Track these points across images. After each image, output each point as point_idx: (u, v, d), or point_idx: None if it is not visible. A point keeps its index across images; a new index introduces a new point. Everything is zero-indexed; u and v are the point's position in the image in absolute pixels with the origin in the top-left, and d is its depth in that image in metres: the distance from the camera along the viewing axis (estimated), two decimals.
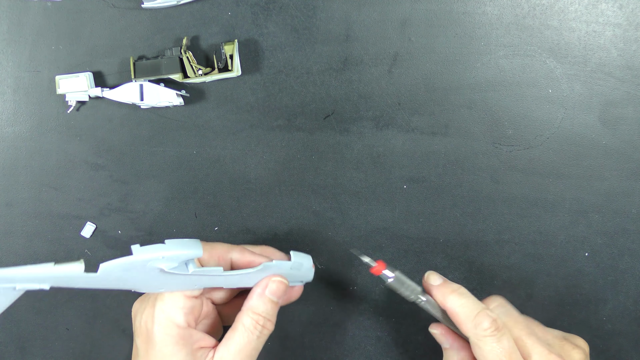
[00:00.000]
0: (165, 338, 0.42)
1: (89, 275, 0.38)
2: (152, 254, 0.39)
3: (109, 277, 0.39)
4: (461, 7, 0.49)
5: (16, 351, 0.54)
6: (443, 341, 0.45)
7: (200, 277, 0.42)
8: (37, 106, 0.52)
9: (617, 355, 0.53)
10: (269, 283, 0.44)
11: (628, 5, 0.49)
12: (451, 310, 0.42)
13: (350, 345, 0.54)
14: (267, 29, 0.50)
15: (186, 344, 0.42)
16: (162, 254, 0.39)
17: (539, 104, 0.50)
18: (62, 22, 0.50)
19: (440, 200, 0.51)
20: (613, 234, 0.51)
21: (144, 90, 0.49)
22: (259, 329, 0.43)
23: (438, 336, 0.45)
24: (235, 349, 0.42)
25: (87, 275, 0.38)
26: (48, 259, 0.53)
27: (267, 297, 0.44)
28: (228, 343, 0.43)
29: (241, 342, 0.43)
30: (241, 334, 0.43)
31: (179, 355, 0.42)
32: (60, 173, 0.52)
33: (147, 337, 0.42)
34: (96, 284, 0.40)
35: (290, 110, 0.51)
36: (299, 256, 0.45)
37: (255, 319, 0.43)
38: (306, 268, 0.45)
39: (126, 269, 0.39)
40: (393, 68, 0.50)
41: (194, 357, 0.42)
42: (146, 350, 0.42)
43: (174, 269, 0.40)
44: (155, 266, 0.39)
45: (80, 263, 0.38)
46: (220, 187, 0.52)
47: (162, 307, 0.42)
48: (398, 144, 0.51)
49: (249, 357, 0.43)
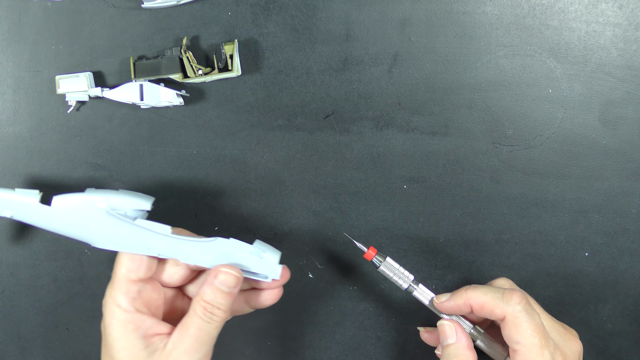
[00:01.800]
0: (112, 322, 0.43)
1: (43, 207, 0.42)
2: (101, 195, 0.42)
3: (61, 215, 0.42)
4: (461, 7, 0.49)
5: (16, 351, 0.54)
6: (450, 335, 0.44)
7: (152, 238, 0.43)
8: (37, 106, 0.52)
9: (617, 355, 0.53)
10: (218, 273, 0.44)
11: (628, 5, 0.49)
12: (476, 301, 0.43)
13: (350, 345, 0.54)
14: (267, 29, 0.50)
15: (136, 329, 0.43)
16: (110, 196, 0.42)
17: (539, 104, 0.50)
18: (62, 22, 0.50)
19: (440, 200, 0.51)
20: (613, 234, 0.51)
21: (144, 90, 0.49)
22: (208, 316, 0.43)
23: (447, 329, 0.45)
24: (188, 334, 0.43)
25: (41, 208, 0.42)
26: (48, 259, 0.54)
27: (215, 286, 0.44)
28: (182, 329, 0.43)
29: (193, 329, 0.43)
30: (192, 320, 0.43)
31: (127, 340, 0.42)
32: (60, 173, 0.52)
33: (103, 323, 0.44)
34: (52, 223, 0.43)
35: (290, 110, 0.51)
36: (263, 246, 0.45)
37: (203, 305, 0.43)
38: (269, 260, 0.45)
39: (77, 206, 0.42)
40: (393, 68, 0.50)
41: (148, 342, 0.43)
42: (103, 336, 0.44)
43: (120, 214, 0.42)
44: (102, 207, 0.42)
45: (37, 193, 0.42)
46: (220, 187, 0.52)
47: (110, 292, 0.44)
48: (398, 144, 0.51)
49: (202, 343, 0.43)
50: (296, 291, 0.53)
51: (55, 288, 0.54)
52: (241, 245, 0.44)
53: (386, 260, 0.46)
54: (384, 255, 0.46)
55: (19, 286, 0.54)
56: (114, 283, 0.44)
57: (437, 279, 0.52)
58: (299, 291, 0.53)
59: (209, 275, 0.44)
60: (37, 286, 0.54)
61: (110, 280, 0.44)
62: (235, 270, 0.44)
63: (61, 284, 0.54)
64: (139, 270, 0.43)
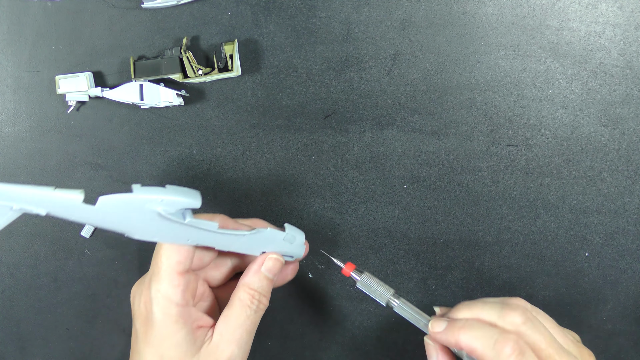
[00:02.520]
0: (164, 318, 0.41)
1: (87, 207, 0.38)
2: (151, 195, 0.39)
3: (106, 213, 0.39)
4: (461, 7, 0.49)
5: (16, 351, 0.54)
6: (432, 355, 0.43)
7: (194, 230, 0.41)
8: (37, 106, 0.52)
9: (617, 355, 0.53)
10: (266, 260, 0.45)
11: (628, 5, 0.49)
12: (467, 347, 0.39)
13: (350, 345, 0.54)
14: (267, 29, 0.50)
15: (186, 322, 0.42)
16: (162, 197, 0.39)
17: (539, 104, 0.50)
18: (62, 22, 0.50)
19: (440, 200, 0.51)
20: (613, 234, 0.51)
21: (144, 90, 0.49)
22: (255, 304, 0.43)
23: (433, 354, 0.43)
24: (235, 324, 0.43)
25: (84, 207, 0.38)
26: (48, 259, 0.54)
27: (262, 274, 0.44)
28: (227, 319, 0.43)
29: (240, 317, 0.43)
30: (239, 309, 0.43)
31: (180, 334, 0.41)
32: (60, 173, 0.52)
33: (146, 319, 0.42)
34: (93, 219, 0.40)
35: (290, 110, 0.51)
36: (293, 229, 0.46)
37: (251, 294, 0.43)
38: (298, 243, 0.46)
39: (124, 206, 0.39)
40: (393, 68, 0.50)
41: (194, 336, 0.42)
42: (145, 332, 0.42)
43: (171, 215, 0.40)
44: (153, 209, 0.39)
45: (80, 192, 0.38)
46: (220, 187, 0.52)
47: (157, 287, 0.42)
48: (398, 144, 0.51)
49: (248, 332, 0.43)
50: (296, 291, 0.53)
51: (55, 288, 0.54)
52: (276, 233, 0.45)
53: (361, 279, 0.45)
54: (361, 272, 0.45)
55: (19, 286, 0.54)
56: (160, 276, 0.42)
57: (437, 279, 0.52)
58: (299, 291, 0.53)
59: (253, 264, 0.45)
60: (37, 286, 0.54)
61: (150, 274, 0.43)
62: (280, 257, 0.45)
63: (61, 284, 0.54)
64: (186, 261, 0.42)
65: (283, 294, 0.53)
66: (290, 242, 0.46)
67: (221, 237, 0.43)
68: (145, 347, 0.42)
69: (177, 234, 0.41)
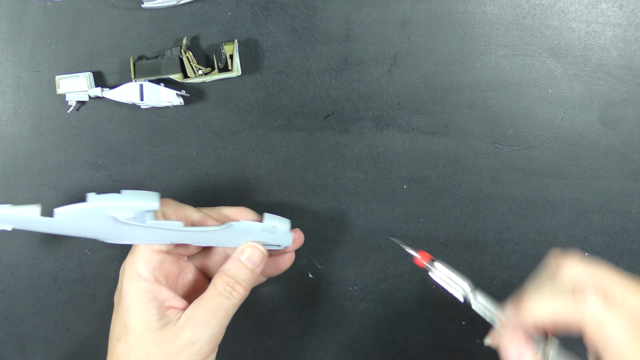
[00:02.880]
0: (130, 289, 0.42)
1: (46, 219, 0.39)
2: (105, 202, 0.39)
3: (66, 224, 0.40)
4: (461, 7, 0.49)
5: (16, 351, 0.54)
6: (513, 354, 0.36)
7: (161, 231, 0.42)
8: (37, 106, 0.52)
9: None
10: (245, 248, 0.45)
11: (628, 5, 0.49)
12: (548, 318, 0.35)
13: (350, 345, 0.54)
14: (267, 29, 0.50)
15: (153, 299, 0.42)
16: (116, 204, 0.39)
17: (539, 104, 0.50)
18: (62, 22, 0.50)
19: (440, 200, 0.51)
20: (613, 234, 0.51)
21: (144, 90, 0.49)
22: (228, 291, 0.43)
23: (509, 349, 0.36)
24: (204, 308, 0.43)
25: (44, 220, 0.39)
26: (48, 259, 0.54)
27: (241, 262, 0.44)
28: (198, 303, 0.43)
29: (210, 302, 0.43)
30: (211, 295, 0.43)
31: (143, 308, 0.42)
32: (60, 173, 0.52)
33: (119, 291, 0.43)
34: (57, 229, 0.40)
35: (290, 110, 0.51)
36: (273, 218, 0.45)
37: (226, 280, 0.43)
38: (281, 231, 0.45)
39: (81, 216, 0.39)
40: (393, 68, 0.50)
41: (161, 314, 0.42)
42: (117, 304, 0.44)
43: (130, 219, 0.40)
44: (110, 215, 0.40)
45: (36, 207, 0.39)
46: (220, 187, 0.52)
47: (131, 260, 0.43)
48: (398, 144, 0.51)
49: (218, 318, 0.43)
50: (296, 291, 0.53)
51: (55, 288, 0.54)
52: (252, 224, 0.45)
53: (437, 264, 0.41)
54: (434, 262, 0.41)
55: (19, 286, 0.54)
56: (135, 252, 0.43)
57: None
58: (299, 291, 0.53)
59: (234, 252, 0.45)
60: (37, 286, 0.54)
61: (130, 250, 0.44)
62: (261, 246, 0.45)
63: (61, 284, 0.54)
64: None
65: (283, 294, 0.53)
66: (271, 231, 0.45)
67: (193, 235, 0.43)
68: (115, 316, 0.44)
69: (145, 236, 0.42)
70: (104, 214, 0.40)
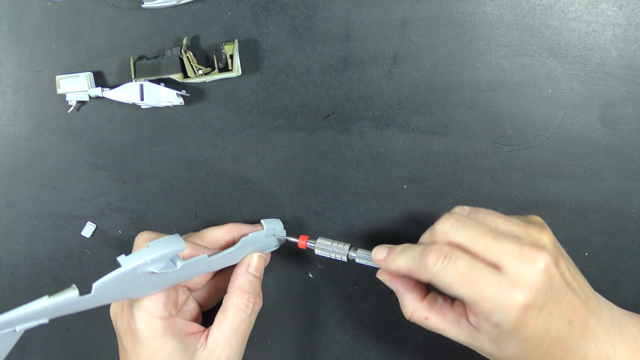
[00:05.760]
0: (150, 334, 0.41)
1: (84, 298, 0.38)
2: (139, 260, 0.39)
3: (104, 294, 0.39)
4: (461, 7, 0.49)
5: (16, 351, 0.54)
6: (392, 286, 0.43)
7: (190, 268, 0.42)
8: (37, 106, 0.52)
9: None
10: (250, 261, 0.46)
11: (628, 5, 0.49)
12: (404, 271, 0.39)
13: (350, 345, 0.54)
14: (267, 29, 0.50)
15: (173, 334, 0.42)
16: (149, 258, 0.39)
17: (539, 104, 0.50)
18: (62, 22, 0.50)
19: (440, 200, 0.51)
20: (613, 234, 0.51)
21: (144, 90, 0.49)
22: (250, 307, 0.44)
23: (386, 282, 0.43)
24: (230, 329, 0.43)
25: (82, 299, 0.38)
26: (48, 259, 0.54)
27: (251, 275, 0.45)
28: (221, 325, 0.43)
29: (235, 322, 0.43)
30: (233, 314, 0.43)
31: (169, 346, 0.42)
32: (60, 173, 0.52)
33: (133, 336, 0.42)
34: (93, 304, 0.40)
35: (291, 110, 0.51)
36: (270, 223, 0.48)
37: (245, 297, 0.44)
38: (279, 231, 0.49)
39: (119, 282, 0.39)
40: (393, 68, 0.50)
41: (185, 344, 0.42)
42: (134, 349, 0.42)
43: (163, 268, 0.40)
44: (146, 271, 0.39)
45: (73, 289, 0.37)
46: (220, 187, 0.52)
47: (138, 304, 0.42)
48: (398, 144, 0.51)
49: (243, 335, 0.44)
50: (296, 291, 0.53)
51: (55, 288, 0.54)
52: (258, 234, 0.47)
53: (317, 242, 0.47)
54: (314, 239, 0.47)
55: (19, 286, 0.54)
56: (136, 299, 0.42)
57: None
58: (299, 291, 0.53)
59: (240, 267, 0.46)
60: (37, 286, 0.54)
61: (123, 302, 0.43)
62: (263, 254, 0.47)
63: (61, 284, 0.54)
64: None
65: (283, 294, 0.53)
66: (272, 234, 0.48)
67: (215, 262, 0.44)
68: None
69: (173, 278, 0.42)
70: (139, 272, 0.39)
